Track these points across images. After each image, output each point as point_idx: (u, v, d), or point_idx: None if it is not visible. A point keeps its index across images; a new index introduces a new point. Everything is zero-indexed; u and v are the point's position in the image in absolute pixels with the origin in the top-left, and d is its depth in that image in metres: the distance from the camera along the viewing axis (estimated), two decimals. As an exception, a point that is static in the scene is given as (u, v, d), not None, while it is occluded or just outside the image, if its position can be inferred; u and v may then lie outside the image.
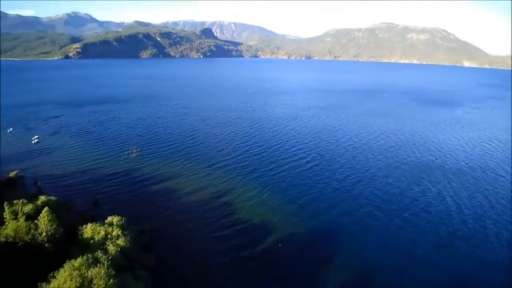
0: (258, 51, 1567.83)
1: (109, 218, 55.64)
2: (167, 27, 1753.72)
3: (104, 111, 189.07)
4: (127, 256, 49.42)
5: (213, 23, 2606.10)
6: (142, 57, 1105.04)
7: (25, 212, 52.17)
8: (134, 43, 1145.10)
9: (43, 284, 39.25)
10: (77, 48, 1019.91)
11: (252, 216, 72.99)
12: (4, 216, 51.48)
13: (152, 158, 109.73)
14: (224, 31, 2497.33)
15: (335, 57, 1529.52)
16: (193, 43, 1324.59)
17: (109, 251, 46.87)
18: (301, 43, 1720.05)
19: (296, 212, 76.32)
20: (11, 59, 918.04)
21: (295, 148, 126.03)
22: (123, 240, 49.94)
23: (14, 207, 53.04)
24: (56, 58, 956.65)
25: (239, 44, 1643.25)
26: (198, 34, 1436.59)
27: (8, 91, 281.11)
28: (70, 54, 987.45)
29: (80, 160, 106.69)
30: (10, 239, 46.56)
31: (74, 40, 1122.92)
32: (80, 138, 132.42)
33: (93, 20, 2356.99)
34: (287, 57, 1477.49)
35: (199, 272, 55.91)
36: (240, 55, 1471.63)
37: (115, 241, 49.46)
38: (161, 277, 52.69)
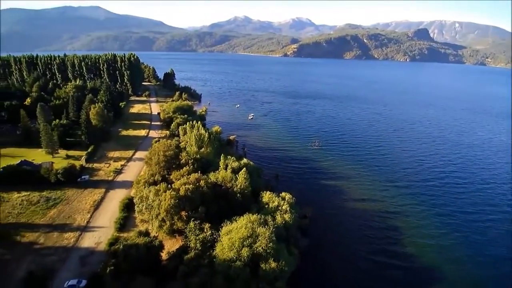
0: (487, 58, 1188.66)
1: (283, 193, 63.24)
2: (377, 28, 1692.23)
3: (303, 104, 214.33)
4: (287, 231, 54.61)
5: (432, 23, 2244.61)
6: (346, 58, 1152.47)
7: (232, 166, 69.50)
8: (340, 44, 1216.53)
9: (227, 222, 51.17)
10: (294, 48, 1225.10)
11: (416, 251, 60.28)
12: (219, 165, 71.17)
13: (332, 155, 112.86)
14: (444, 32, 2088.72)
15: None
16: (401, 45, 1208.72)
17: (276, 220, 53.57)
18: None
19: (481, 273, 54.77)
20: (249, 54, 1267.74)
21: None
22: (289, 216, 55.41)
23: (226, 161, 72.00)
24: (277, 55, 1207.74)
25: (461, 47, 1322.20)
26: (410, 35, 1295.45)
27: (244, 79, 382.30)
28: (288, 53, 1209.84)
29: (275, 139, 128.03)
30: (219, 182, 63.87)
31: (293, 41, 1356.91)
32: (280, 123, 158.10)
33: (311, 24, 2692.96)
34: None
35: (342, 271, 55.19)
36: (460, 61, 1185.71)
37: (283, 214, 55.74)
38: (308, 262, 54.65)
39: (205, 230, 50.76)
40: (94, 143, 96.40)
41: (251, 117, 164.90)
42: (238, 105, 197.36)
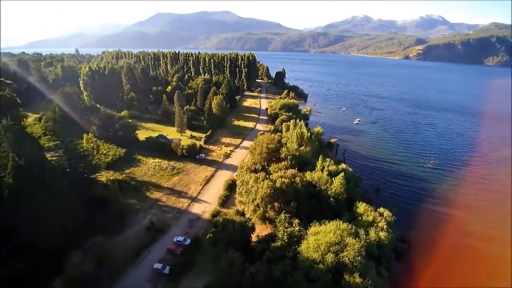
0: None
1: (381, 209, 58.06)
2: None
3: (422, 115, 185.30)
4: (380, 250, 50.21)
5: None
6: (487, 64, 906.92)
7: (329, 169, 68.25)
8: (481, 48, 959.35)
9: (316, 223, 50.98)
10: (419, 50, 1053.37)
11: None
12: (316, 165, 70.97)
13: (449, 178, 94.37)
14: None
15: None
16: None
17: (369, 235, 50.00)
18: None
19: None
20: (364, 55, 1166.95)
21: None
22: (385, 235, 50.71)
23: (324, 163, 71.10)
24: (397, 57, 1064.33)
25: None
26: None
27: (354, 81, 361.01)
28: (410, 55, 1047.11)
29: (381, 150, 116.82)
30: (314, 181, 63.95)
31: (419, 42, 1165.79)
32: (390, 132, 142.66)
33: (445, 22, 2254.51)
34: None
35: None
36: None
37: (378, 231, 51.46)
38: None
39: (294, 225, 52.44)
40: (212, 129, 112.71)
41: (357, 122, 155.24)
42: (344, 108, 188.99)
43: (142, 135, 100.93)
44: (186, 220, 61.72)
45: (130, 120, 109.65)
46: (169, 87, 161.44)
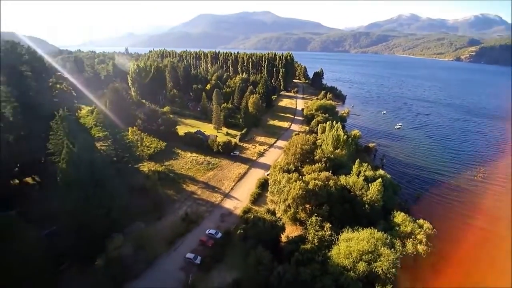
0: None
1: (421, 221, 54.46)
2: None
3: (474, 123, 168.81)
4: (417, 263, 47.20)
5: None
6: None
7: (365, 174, 65.62)
8: None
9: (349, 229, 49.44)
10: (472, 51, 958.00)
11: None
12: (352, 169, 68.61)
13: (500, 192, 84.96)
14: None
15: None
16: None
17: (406, 247, 47.33)
18: None
19: None
20: (410, 56, 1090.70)
21: None
22: (423, 249, 47.62)
23: (360, 167, 68.49)
24: (446, 59, 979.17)
25: None
26: None
27: (398, 83, 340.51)
28: (462, 57, 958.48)
29: (424, 157, 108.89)
30: (348, 186, 61.91)
31: (472, 42, 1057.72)
32: (436, 139, 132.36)
33: (503, 22, 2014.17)
34: None
35: None
36: None
37: (416, 244, 48.48)
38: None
39: (325, 229, 51.45)
40: (247, 127, 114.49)
41: (399, 127, 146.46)
42: (385, 112, 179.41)
43: (181, 130, 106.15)
44: (219, 214, 63.67)
45: (171, 116, 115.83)
46: (209, 85, 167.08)
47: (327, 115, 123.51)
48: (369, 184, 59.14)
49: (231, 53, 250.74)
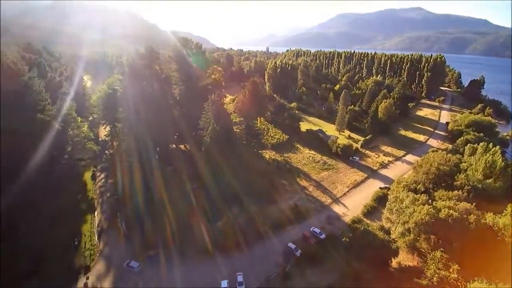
0: None
1: None
2: None
3: None
4: None
5: None
6: None
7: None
8: None
9: (484, 280, 38.82)
10: None
11: None
12: (506, 208, 52.20)
13: None
14: None
15: None
16: None
17: None
18: None
19: None
20: None
21: None
22: None
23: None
24: None
25: None
26: None
27: None
28: None
29: None
30: (495, 228, 47.77)
31: None
32: None
33: None
34: None
35: None
36: None
37: None
38: None
39: (451, 271, 42.49)
40: (373, 133, 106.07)
41: None
42: None
43: (304, 126, 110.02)
44: (326, 215, 63.23)
45: (297, 112, 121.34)
46: (338, 86, 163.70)
47: (481, 134, 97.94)
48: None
49: (366, 53, 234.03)
